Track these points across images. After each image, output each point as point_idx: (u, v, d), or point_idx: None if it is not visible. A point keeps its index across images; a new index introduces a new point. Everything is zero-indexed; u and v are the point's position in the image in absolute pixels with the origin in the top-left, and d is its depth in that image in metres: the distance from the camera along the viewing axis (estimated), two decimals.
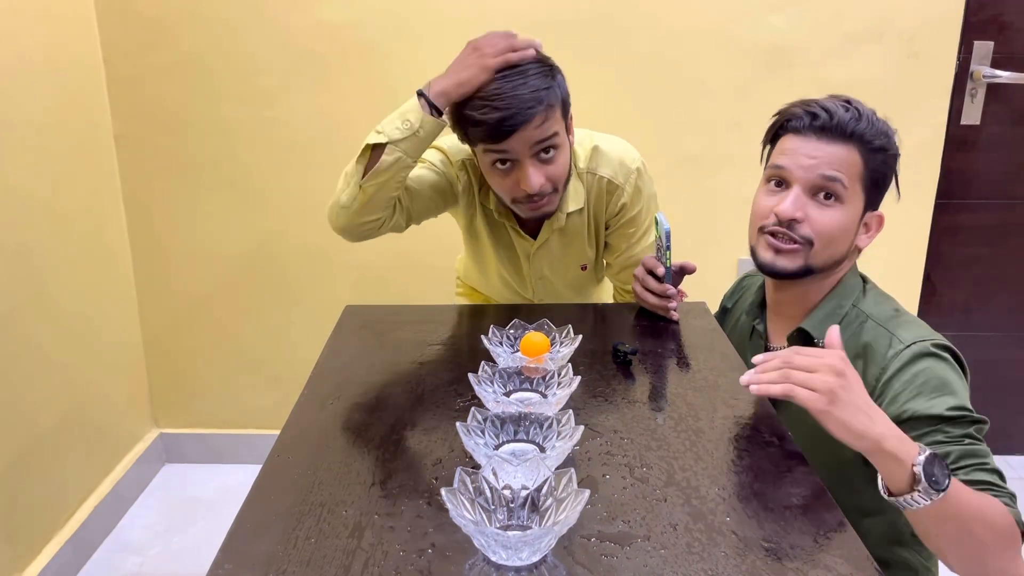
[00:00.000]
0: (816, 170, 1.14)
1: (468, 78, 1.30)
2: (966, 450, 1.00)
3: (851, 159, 1.14)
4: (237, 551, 0.83)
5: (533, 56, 1.32)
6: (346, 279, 2.28)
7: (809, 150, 1.15)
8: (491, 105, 1.28)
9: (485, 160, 1.36)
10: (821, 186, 1.14)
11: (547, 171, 1.35)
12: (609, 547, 0.82)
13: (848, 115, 1.14)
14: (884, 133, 1.16)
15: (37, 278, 1.87)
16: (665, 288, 1.38)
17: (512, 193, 1.38)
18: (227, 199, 2.23)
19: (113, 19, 2.09)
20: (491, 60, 1.30)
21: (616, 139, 1.54)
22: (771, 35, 2.06)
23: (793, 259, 1.17)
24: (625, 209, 1.51)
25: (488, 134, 1.30)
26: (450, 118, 1.36)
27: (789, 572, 0.78)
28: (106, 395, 2.18)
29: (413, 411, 1.11)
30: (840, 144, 1.14)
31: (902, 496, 0.91)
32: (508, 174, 1.36)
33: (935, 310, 2.31)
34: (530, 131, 1.30)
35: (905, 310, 1.18)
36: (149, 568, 2.03)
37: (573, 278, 1.63)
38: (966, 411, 1.03)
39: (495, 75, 1.29)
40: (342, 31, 2.08)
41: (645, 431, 1.04)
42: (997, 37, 2.10)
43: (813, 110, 1.15)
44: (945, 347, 1.09)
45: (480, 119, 1.29)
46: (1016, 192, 2.23)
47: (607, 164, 1.50)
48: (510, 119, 1.27)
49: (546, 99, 1.30)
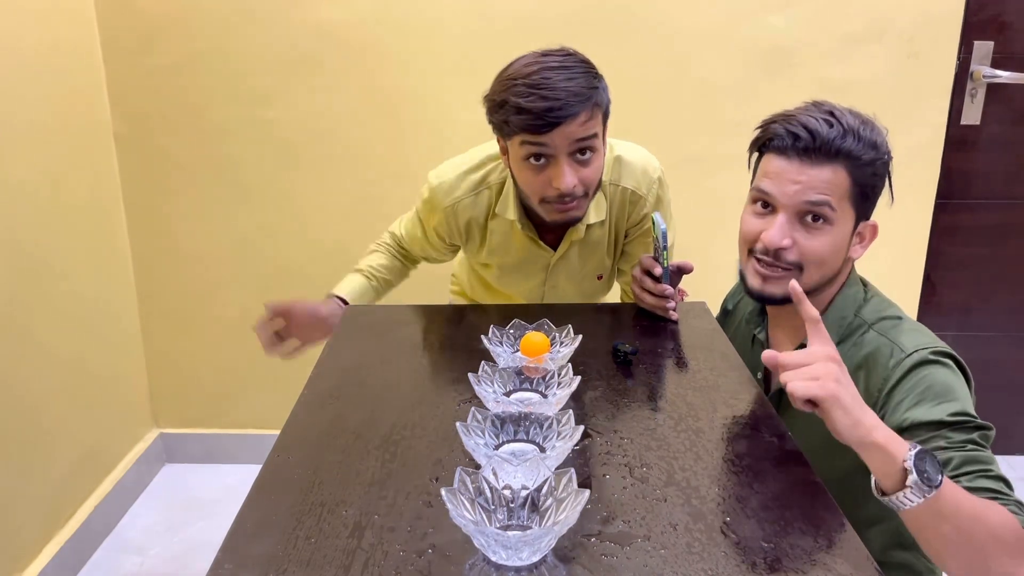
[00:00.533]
0: (801, 196, 1.10)
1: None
2: (969, 456, 0.98)
3: (837, 179, 1.10)
4: (237, 551, 0.83)
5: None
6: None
7: (793, 174, 1.11)
8: (538, 94, 1.24)
9: (519, 153, 1.32)
10: (807, 211, 1.11)
11: (581, 173, 1.32)
12: (609, 547, 0.82)
13: (832, 132, 1.09)
14: (872, 144, 1.11)
15: (37, 278, 1.87)
16: (663, 288, 1.37)
17: (543, 192, 1.34)
18: (227, 198, 2.23)
19: (113, 19, 2.09)
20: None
21: (635, 146, 1.52)
22: (771, 35, 2.06)
23: (781, 285, 1.13)
24: (646, 219, 1.50)
25: (531, 123, 1.26)
26: (489, 104, 1.32)
27: (789, 572, 0.78)
28: (106, 395, 2.18)
29: (413, 411, 1.10)
30: (825, 165, 1.09)
31: (895, 495, 0.89)
32: (541, 171, 1.32)
33: (935, 310, 2.31)
34: (574, 127, 1.27)
35: (907, 316, 1.17)
36: (149, 568, 2.03)
37: (588, 287, 1.62)
38: (969, 417, 1.01)
39: (540, 64, 1.27)
40: (342, 31, 2.08)
41: (645, 431, 1.04)
42: (997, 37, 2.10)
43: (795, 130, 1.10)
44: (947, 354, 1.08)
45: (526, 107, 1.24)
46: (1016, 192, 2.23)
47: (630, 175, 1.48)
48: (557, 110, 1.24)
49: (593, 97, 1.28)
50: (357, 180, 2.20)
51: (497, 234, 1.52)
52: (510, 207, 1.47)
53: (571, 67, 1.27)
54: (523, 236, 1.50)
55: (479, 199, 1.50)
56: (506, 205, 1.47)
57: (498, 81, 1.33)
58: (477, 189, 1.49)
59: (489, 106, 1.33)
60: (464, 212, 1.50)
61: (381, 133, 2.16)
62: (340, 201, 2.22)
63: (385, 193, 2.18)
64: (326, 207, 2.22)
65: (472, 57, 2.07)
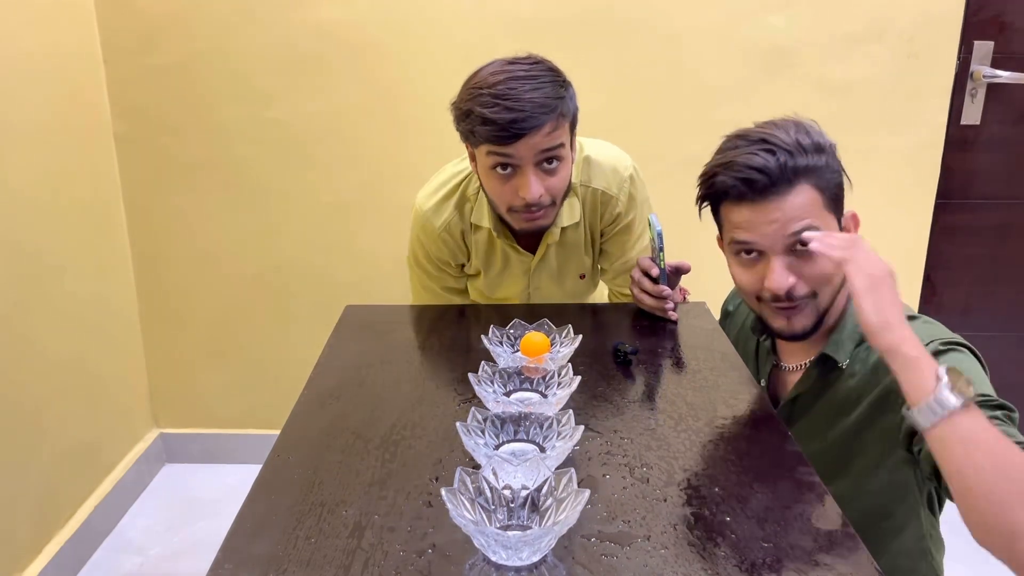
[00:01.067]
0: (783, 232, 1.08)
1: None
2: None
3: (807, 197, 1.07)
4: (237, 551, 0.83)
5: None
6: (346, 279, 2.28)
7: (765, 216, 1.08)
8: (503, 104, 1.24)
9: (486, 162, 1.33)
10: (795, 242, 1.08)
11: (548, 182, 1.32)
12: (609, 547, 0.82)
13: (780, 160, 1.06)
14: (816, 148, 1.08)
15: (37, 278, 1.87)
16: (660, 289, 1.37)
17: (509, 201, 1.35)
18: (227, 199, 2.23)
19: (113, 19, 2.09)
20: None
21: (606, 145, 1.51)
22: (771, 35, 2.06)
23: (807, 316, 1.12)
24: (619, 217, 1.50)
25: (496, 134, 1.26)
26: (456, 113, 1.32)
27: (789, 572, 0.78)
28: (106, 395, 2.18)
29: (413, 411, 1.10)
30: (788, 192, 1.07)
31: (925, 401, 0.85)
32: (507, 180, 1.32)
33: (935, 310, 2.31)
34: (539, 138, 1.27)
35: (921, 315, 1.16)
36: (149, 568, 2.03)
37: (571, 287, 1.62)
38: (989, 397, 0.99)
39: (506, 74, 1.26)
40: (342, 31, 2.08)
41: (645, 431, 1.04)
42: (997, 37, 2.10)
43: (745, 176, 1.08)
44: (960, 343, 1.07)
45: (491, 117, 1.24)
46: (1016, 192, 2.23)
47: (600, 175, 1.47)
48: (522, 121, 1.24)
49: (559, 108, 1.27)
50: (357, 179, 2.20)
51: (480, 243, 1.53)
52: (485, 215, 1.47)
53: (537, 76, 1.26)
54: (501, 243, 1.51)
55: (464, 212, 1.50)
56: (481, 213, 1.48)
57: (465, 89, 1.32)
58: (459, 204, 1.49)
59: (456, 114, 1.32)
60: (455, 228, 1.51)
61: (381, 132, 2.16)
62: (340, 200, 2.22)
63: (386, 192, 2.18)
64: (326, 206, 2.22)
65: (472, 56, 2.05)
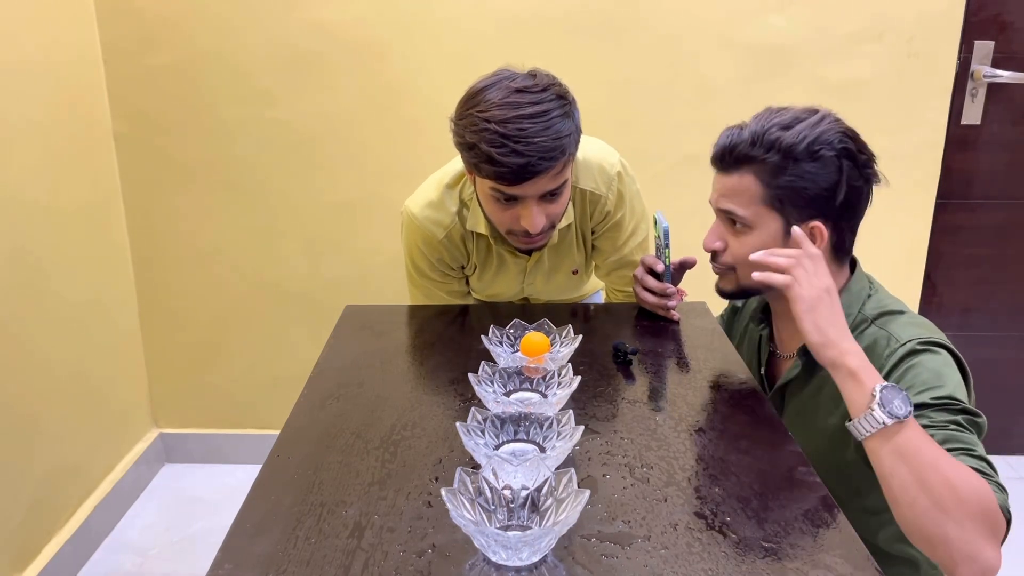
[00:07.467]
0: (718, 203, 1.20)
1: None
2: (950, 435, 0.97)
3: (743, 184, 1.15)
4: (237, 551, 0.83)
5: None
6: (346, 279, 2.28)
7: (717, 183, 1.21)
8: (512, 147, 1.18)
9: (486, 189, 1.30)
10: (727, 217, 1.19)
11: (548, 210, 1.31)
12: (609, 547, 0.82)
13: (735, 141, 1.15)
14: (773, 146, 1.11)
15: (37, 278, 1.87)
16: (664, 287, 1.38)
17: (509, 226, 1.33)
18: (227, 199, 2.23)
19: (113, 19, 2.09)
20: None
21: (593, 141, 1.48)
22: (771, 35, 2.06)
23: (726, 282, 1.25)
24: (609, 215, 1.49)
25: (504, 176, 1.22)
26: (458, 140, 1.27)
27: (789, 572, 0.78)
28: (106, 395, 2.18)
29: (413, 411, 1.10)
30: (733, 173, 1.17)
31: (857, 419, 0.94)
32: (509, 207, 1.30)
33: (935, 310, 2.31)
34: (546, 180, 1.24)
35: (911, 311, 1.17)
36: (149, 568, 2.03)
37: (564, 282, 1.62)
38: (954, 400, 1.00)
39: (515, 109, 1.20)
40: (342, 31, 2.08)
41: (645, 431, 1.04)
42: (997, 37, 2.10)
43: (719, 142, 1.19)
44: (940, 344, 1.08)
45: (499, 159, 1.19)
46: (1016, 192, 2.23)
47: (587, 175, 1.46)
48: (531, 167, 1.20)
49: (568, 148, 1.24)
50: (357, 179, 2.20)
51: (477, 247, 1.53)
52: (480, 222, 1.46)
53: (547, 112, 1.21)
54: (497, 247, 1.50)
55: (462, 217, 1.49)
56: (476, 220, 1.46)
57: (467, 112, 1.25)
58: (458, 209, 1.48)
59: (458, 140, 1.27)
60: (455, 234, 1.50)
61: (381, 132, 2.16)
62: (340, 200, 2.22)
63: (386, 192, 2.18)
64: (326, 206, 2.22)
65: (472, 56, 2.07)
